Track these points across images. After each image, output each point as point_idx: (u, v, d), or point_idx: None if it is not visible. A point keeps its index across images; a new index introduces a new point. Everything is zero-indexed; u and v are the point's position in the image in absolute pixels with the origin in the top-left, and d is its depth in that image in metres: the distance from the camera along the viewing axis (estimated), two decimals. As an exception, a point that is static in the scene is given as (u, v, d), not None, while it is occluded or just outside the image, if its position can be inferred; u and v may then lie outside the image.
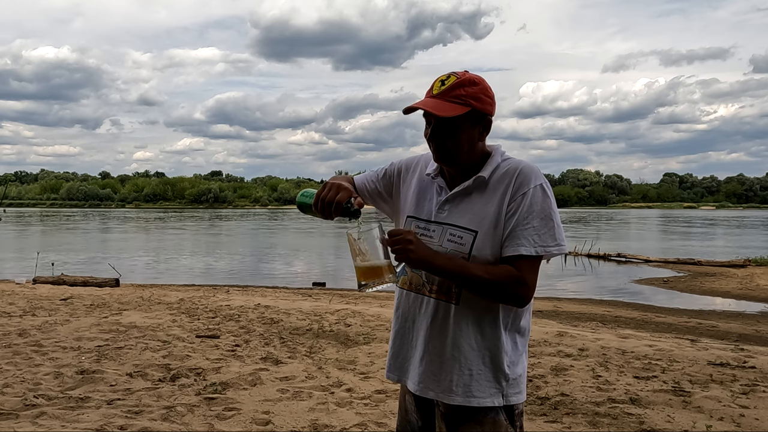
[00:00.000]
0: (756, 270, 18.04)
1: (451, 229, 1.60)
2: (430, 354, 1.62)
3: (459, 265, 1.53)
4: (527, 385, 4.58)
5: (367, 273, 1.57)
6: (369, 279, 1.57)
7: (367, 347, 5.87)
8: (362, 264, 1.57)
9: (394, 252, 1.53)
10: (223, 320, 7.45)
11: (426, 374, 1.62)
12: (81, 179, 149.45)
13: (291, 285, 15.69)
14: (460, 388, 1.57)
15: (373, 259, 1.56)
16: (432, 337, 1.61)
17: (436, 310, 1.61)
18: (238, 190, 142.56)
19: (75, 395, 4.07)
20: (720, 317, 10.98)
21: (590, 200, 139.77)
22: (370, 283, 1.57)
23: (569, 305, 12.14)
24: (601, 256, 23.34)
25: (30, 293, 10.23)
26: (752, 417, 3.82)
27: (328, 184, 1.62)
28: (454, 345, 1.58)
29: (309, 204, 1.68)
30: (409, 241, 1.52)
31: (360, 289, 1.59)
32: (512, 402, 1.59)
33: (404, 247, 1.51)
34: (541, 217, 1.54)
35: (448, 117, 1.55)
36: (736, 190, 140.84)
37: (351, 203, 1.59)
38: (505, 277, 1.51)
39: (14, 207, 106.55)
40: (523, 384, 1.62)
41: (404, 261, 1.54)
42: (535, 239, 1.53)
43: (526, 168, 1.59)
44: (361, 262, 1.57)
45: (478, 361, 1.57)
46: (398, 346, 1.71)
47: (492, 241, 1.56)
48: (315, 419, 3.73)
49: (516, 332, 1.62)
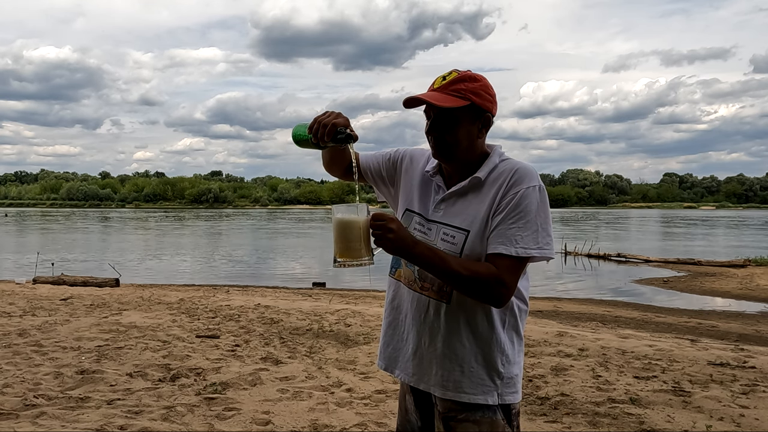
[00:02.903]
0: (756, 270, 18.04)
1: (445, 229, 1.61)
2: (421, 350, 1.63)
3: (439, 258, 1.50)
4: (527, 385, 4.60)
5: (344, 250, 1.55)
6: (345, 257, 1.55)
7: (367, 347, 5.87)
8: (341, 240, 1.56)
9: (374, 236, 1.51)
10: (223, 320, 7.45)
11: (419, 368, 1.64)
12: (81, 179, 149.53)
13: (291, 285, 15.70)
14: (450, 383, 1.58)
15: (353, 237, 1.54)
16: (423, 334, 1.62)
17: (428, 308, 1.62)
18: (238, 190, 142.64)
19: (75, 395, 4.07)
20: (720, 317, 10.98)
21: (590, 200, 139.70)
22: (345, 261, 1.55)
23: (569, 305, 12.14)
24: (601, 256, 23.35)
25: (30, 293, 10.23)
26: (752, 417, 3.82)
27: (327, 111, 1.63)
28: (445, 343, 1.59)
29: (305, 134, 1.68)
30: (390, 229, 1.48)
31: (335, 264, 1.57)
32: (508, 401, 1.59)
33: (384, 234, 1.48)
34: (527, 219, 1.51)
35: (446, 108, 1.56)
36: (736, 190, 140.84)
37: (345, 131, 1.59)
38: (483, 274, 1.49)
39: (14, 207, 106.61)
40: (519, 384, 1.62)
41: (381, 246, 1.51)
42: (517, 240, 1.51)
43: (522, 169, 1.57)
44: (341, 238, 1.56)
45: (470, 358, 1.58)
46: (390, 336, 1.73)
47: (483, 241, 1.55)
48: (315, 419, 3.73)
49: (513, 331, 1.62)
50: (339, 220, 1.57)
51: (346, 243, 1.55)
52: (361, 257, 1.55)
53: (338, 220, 1.57)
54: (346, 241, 1.55)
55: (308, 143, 1.70)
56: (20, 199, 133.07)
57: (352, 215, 1.56)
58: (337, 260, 1.57)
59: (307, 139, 1.69)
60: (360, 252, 1.55)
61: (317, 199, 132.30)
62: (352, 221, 1.55)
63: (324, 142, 1.61)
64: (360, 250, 1.55)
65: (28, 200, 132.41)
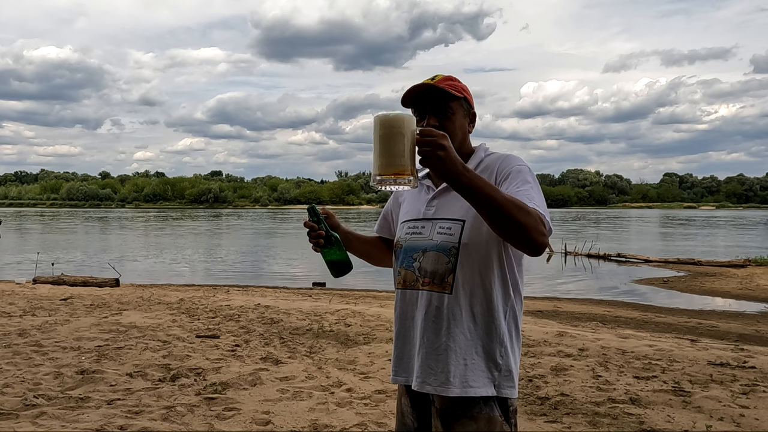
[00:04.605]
0: (756, 270, 18.04)
1: (441, 223, 1.63)
2: (426, 347, 1.62)
3: (489, 186, 1.40)
4: (527, 385, 4.60)
5: (386, 165, 1.37)
6: (387, 174, 1.37)
7: (367, 347, 5.87)
8: (384, 154, 1.37)
9: (421, 153, 1.36)
10: (223, 320, 7.46)
11: (423, 368, 1.61)
12: (81, 179, 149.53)
13: (291, 285, 15.70)
14: (457, 379, 1.57)
15: (398, 151, 1.36)
16: (427, 329, 1.62)
17: (430, 302, 1.62)
18: (238, 190, 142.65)
19: (75, 395, 4.07)
20: (720, 317, 10.98)
21: (590, 200, 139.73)
22: (388, 180, 1.37)
23: (569, 305, 12.13)
24: (601, 256, 23.34)
25: (30, 293, 10.23)
26: (752, 417, 3.82)
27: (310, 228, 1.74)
28: (448, 335, 1.59)
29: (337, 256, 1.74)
30: (441, 146, 1.35)
31: (373, 183, 1.40)
32: (505, 394, 1.58)
33: (433, 151, 1.34)
34: (530, 185, 1.53)
35: (444, 97, 1.63)
36: (736, 190, 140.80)
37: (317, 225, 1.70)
38: (529, 207, 1.42)
39: (14, 207, 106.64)
40: (516, 379, 1.62)
41: (429, 167, 1.37)
42: (531, 197, 1.49)
43: (510, 156, 1.65)
44: (384, 151, 1.37)
45: (471, 350, 1.58)
46: (401, 347, 1.71)
47: (480, 228, 1.56)
48: (315, 419, 3.73)
49: (513, 323, 1.63)
50: (384, 128, 1.38)
51: (388, 158, 1.36)
52: (405, 174, 1.36)
53: (383, 128, 1.38)
54: (389, 155, 1.36)
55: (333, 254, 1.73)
56: (20, 199, 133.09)
57: (399, 124, 1.37)
58: (377, 178, 1.38)
59: (334, 260, 1.73)
60: (403, 168, 1.36)
61: (317, 199, 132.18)
62: (400, 131, 1.36)
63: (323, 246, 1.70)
64: (405, 167, 1.36)
65: (28, 200, 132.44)
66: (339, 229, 1.80)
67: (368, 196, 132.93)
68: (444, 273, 1.59)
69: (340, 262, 1.71)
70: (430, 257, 1.62)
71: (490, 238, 1.57)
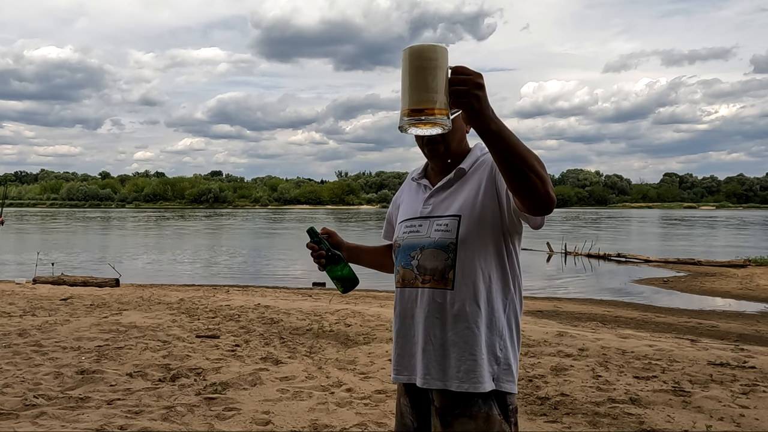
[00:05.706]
0: (756, 270, 18.03)
1: (438, 220, 1.64)
2: (431, 344, 1.61)
3: (515, 135, 1.34)
4: (527, 385, 4.59)
5: (420, 101, 1.18)
6: (418, 111, 1.18)
7: (367, 347, 5.87)
8: (419, 88, 1.18)
9: (455, 93, 1.23)
10: (223, 320, 7.46)
11: (430, 365, 1.61)
12: (81, 179, 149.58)
13: (291, 285, 15.70)
14: (463, 374, 1.57)
15: (433, 87, 1.18)
16: (431, 326, 1.61)
17: (432, 299, 1.61)
18: (238, 190, 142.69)
19: (75, 395, 4.07)
20: (720, 317, 10.98)
21: (590, 200, 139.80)
22: (419, 119, 1.19)
23: (569, 305, 12.13)
24: (601, 256, 23.33)
25: (30, 293, 10.23)
26: (752, 417, 3.82)
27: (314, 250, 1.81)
28: (454, 330, 1.59)
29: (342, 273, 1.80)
30: (478, 85, 1.24)
31: (401, 124, 1.22)
32: (504, 388, 1.58)
33: (469, 90, 1.23)
34: None
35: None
36: (736, 190, 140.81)
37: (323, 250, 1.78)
38: (545, 171, 1.38)
39: (14, 207, 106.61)
40: (515, 374, 1.62)
41: (462, 107, 1.26)
42: None
43: None
44: (418, 85, 1.18)
45: (476, 344, 1.58)
46: (402, 346, 1.70)
47: (477, 223, 1.58)
48: (315, 419, 3.73)
49: (513, 318, 1.63)
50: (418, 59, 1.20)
51: (424, 93, 1.18)
52: (434, 113, 1.18)
53: (417, 59, 1.20)
54: (424, 89, 1.18)
55: (337, 271, 1.79)
56: (20, 199, 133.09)
57: (435, 56, 1.19)
58: (404, 117, 1.20)
59: (341, 276, 1.80)
60: (443, 107, 1.19)
61: (317, 199, 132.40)
62: (436, 63, 1.19)
63: (326, 265, 1.77)
64: (442, 104, 1.19)
65: (28, 200, 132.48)
66: (343, 246, 1.86)
67: (368, 196, 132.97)
68: (444, 269, 1.60)
69: (344, 278, 1.77)
70: (429, 254, 1.62)
71: (486, 232, 1.59)
